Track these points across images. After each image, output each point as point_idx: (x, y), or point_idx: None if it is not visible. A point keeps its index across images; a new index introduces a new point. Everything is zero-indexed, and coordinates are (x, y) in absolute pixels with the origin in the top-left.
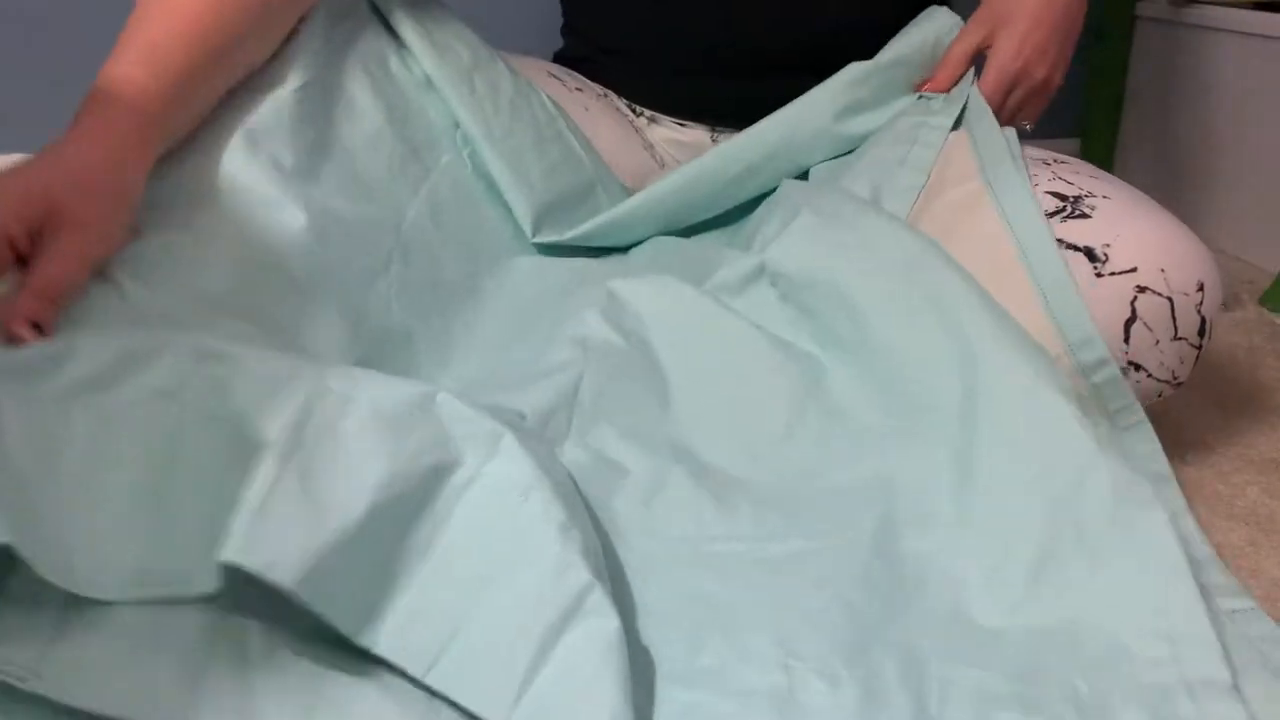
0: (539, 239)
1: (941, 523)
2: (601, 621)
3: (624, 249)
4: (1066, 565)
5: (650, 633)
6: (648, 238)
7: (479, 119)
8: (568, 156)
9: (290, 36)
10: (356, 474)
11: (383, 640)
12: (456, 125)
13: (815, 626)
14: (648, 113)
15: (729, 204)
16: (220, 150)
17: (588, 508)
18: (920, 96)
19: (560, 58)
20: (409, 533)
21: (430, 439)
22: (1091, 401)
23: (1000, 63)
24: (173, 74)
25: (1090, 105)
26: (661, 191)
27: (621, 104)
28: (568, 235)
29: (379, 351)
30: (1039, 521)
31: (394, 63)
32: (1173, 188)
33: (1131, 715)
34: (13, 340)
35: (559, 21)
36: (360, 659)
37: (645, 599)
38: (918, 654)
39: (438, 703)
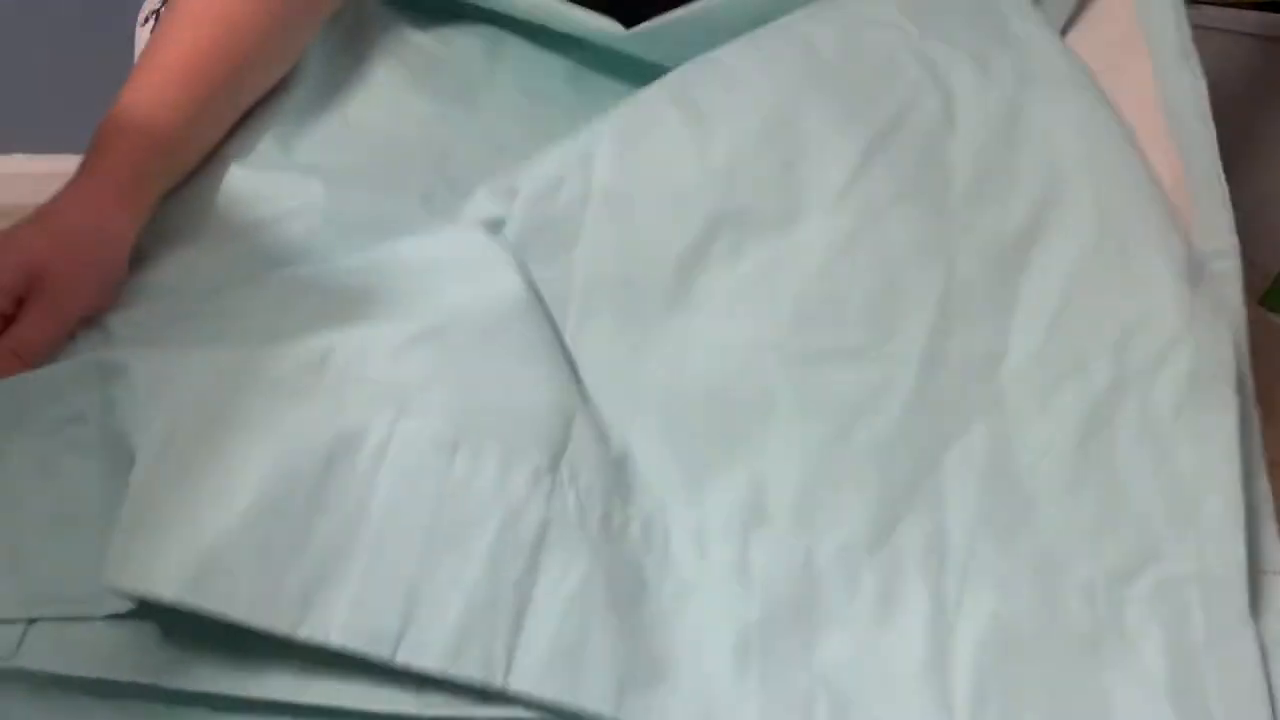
0: (634, 31)
1: (1000, 353)
2: (569, 556)
3: None
4: (1119, 439)
5: (656, 489)
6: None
7: None
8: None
9: None
10: (239, 463)
11: (334, 631)
12: (492, 67)
13: (841, 492)
14: None
15: None
16: (224, 165)
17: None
18: None
19: None
20: (324, 510)
21: (325, 407)
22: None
23: None
24: (187, 107)
25: None
26: None
27: None
28: (666, 19)
29: None
30: (1106, 384)
31: (408, 30)
32: None
33: (1144, 627)
34: None
35: None
36: None
37: (652, 427)
38: (944, 531)
39: (429, 685)
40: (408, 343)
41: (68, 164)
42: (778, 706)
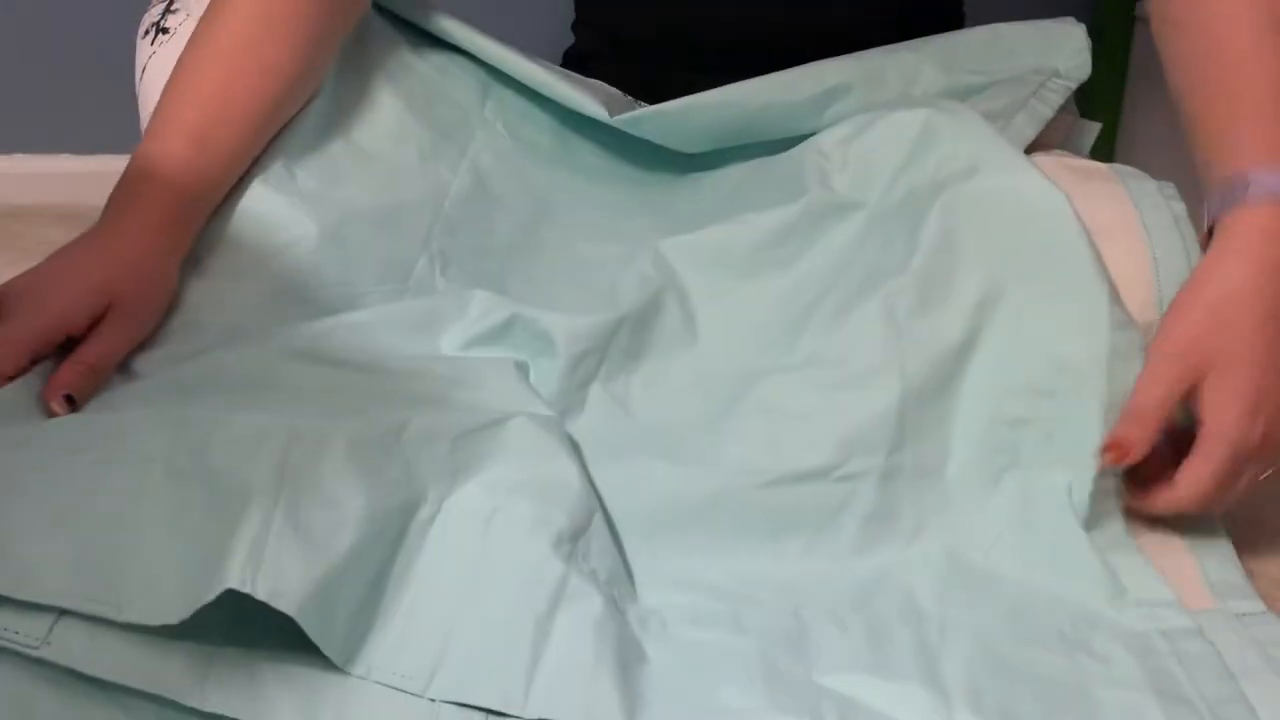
0: (616, 119)
1: (943, 460)
2: (585, 603)
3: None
4: (1052, 525)
5: (647, 592)
6: (724, 142)
7: (520, 58)
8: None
9: None
10: (339, 509)
11: (375, 670)
12: (483, 103)
13: (817, 585)
14: None
15: (816, 125)
16: (240, 191)
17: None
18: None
19: (569, 56)
20: (387, 566)
21: (398, 475)
22: None
23: (1223, 433)
24: (220, 150)
25: (1090, 105)
26: (741, 92)
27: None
28: (640, 110)
29: None
30: (1038, 479)
31: (408, 55)
32: None
33: (1112, 648)
34: (50, 413)
35: (569, 19)
36: None
37: (643, 550)
38: (916, 599)
39: (439, 704)
40: (474, 430)
41: (68, 164)
42: (789, 712)
